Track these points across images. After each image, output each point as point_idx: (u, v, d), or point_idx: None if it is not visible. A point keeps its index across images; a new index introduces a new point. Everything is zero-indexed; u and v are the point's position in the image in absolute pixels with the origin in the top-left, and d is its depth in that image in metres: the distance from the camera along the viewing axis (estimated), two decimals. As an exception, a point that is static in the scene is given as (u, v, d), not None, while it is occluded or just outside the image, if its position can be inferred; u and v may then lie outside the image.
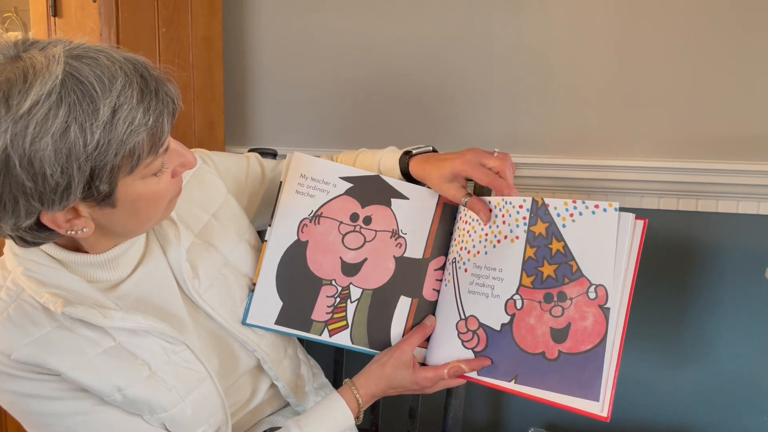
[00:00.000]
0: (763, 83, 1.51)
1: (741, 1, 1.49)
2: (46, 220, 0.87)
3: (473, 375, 1.11)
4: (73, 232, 0.91)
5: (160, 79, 0.88)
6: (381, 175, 1.20)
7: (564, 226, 1.06)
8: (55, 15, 1.58)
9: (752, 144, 1.52)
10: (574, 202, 1.06)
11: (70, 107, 0.80)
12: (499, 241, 1.11)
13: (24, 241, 0.92)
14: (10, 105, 0.79)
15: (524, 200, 1.09)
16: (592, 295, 1.04)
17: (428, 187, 1.19)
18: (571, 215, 1.06)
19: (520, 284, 1.08)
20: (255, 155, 1.36)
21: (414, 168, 1.20)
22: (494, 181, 1.11)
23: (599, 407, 1.02)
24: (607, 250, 1.03)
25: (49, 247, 0.98)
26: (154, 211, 0.97)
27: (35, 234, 0.91)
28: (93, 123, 0.81)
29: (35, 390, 0.95)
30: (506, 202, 1.11)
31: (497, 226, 1.11)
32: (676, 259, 1.62)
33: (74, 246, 1.00)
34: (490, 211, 1.13)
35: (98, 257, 1.00)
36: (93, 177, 0.83)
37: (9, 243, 0.99)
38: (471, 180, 1.17)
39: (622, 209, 1.04)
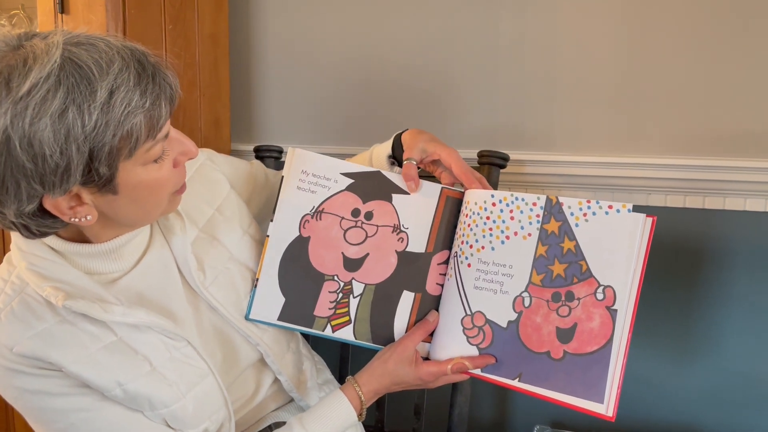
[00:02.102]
0: (770, 80, 1.50)
1: (750, -4, 1.49)
2: (48, 205, 0.88)
3: (476, 371, 1.10)
4: (76, 220, 0.92)
5: (157, 65, 0.90)
6: (381, 171, 1.21)
7: (577, 225, 1.06)
8: (62, 12, 1.59)
9: (760, 141, 1.51)
10: (588, 202, 1.06)
11: (68, 89, 0.82)
12: (508, 237, 1.10)
13: (29, 231, 0.93)
14: (10, 87, 0.81)
15: (538, 198, 1.09)
16: (600, 296, 1.03)
17: (413, 161, 1.20)
18: (585, 215, 1.06)
19: (530, 282, 1.08)
20: (259, 162, 1.39)
21: (406, 134, 1.24)
22: (466, 174, 1.16)
23: (604, 408, 1.02)
24: (618, 252, 1.03)
25: (52, 240, 0.99)
26: (157, 200, 0.98)
27: (39, 221, 0.92)
28: (90, 104, 0.82)
29: (38, 386, 0.95)
30: (515, 198, 1.11)
31: (504, 222, 1.11)
32: (683, 256, 1.61)
33: (79, 238, 1.01)
34: (416, 185, 1.18)
35: (101, 246, 1.01)
36: (92, 158, 0.85)
37: (15, 238, 1.01)
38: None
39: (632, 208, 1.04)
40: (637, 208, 1.03)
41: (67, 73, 0.82)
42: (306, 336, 1.42)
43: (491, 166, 1.48)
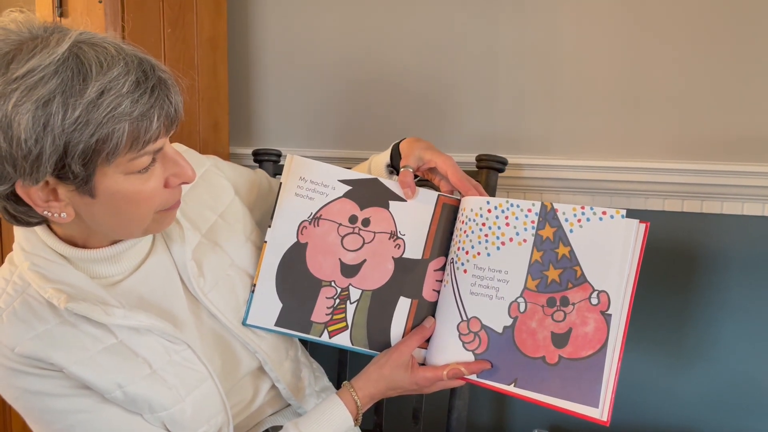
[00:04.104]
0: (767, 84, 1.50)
1: (747, 2, 1.48)
2: (21, 191, 0.88)
3: (472, 377, 1.11)
4: (49, 214, 0.91)
5: (163, 81, 0.89)
6: (379, 178, 1.21)
7: (571, 231, 1.07)
8: (60, 15, 1.59)
9: (757, 145, 1.52)
10: (583, 208, 1.07)
11: (62, 81, 0.82)
12: (503, 243, 1.11)
13: (8, 213, 0.94)
14: (9, 69, 0.82)
15: (533, 204, 1.10)
16: (594, 300, 1.04)
17: (410, 169, 1.20)
18: (579, 221, 1.07)
19: (525, 287, 1.09)
20: (262, 171, 1.40)
21: (404, 142, 1.24)
22: (462, 182, 1.17)
23: (599, 413, 1.02)
24: (612, 257, 1.04)
25: (55, 243, 1.00)
26: (136, 215, 0.96)
27: (14, 206, 0.92)
28: (77, 100, 0.82)
29: (39, 386, 0.95)
30: (510, 204, 1.11)
31: (499, 228, 1.11)
32: (681, 260, 1.61)
33: (80, 243, 1.01)
34: (413, 192, 1.18)
35: (102, 251, 1.01)
36: (66, 153, 0.84)
37: (18, 239, 1.01)
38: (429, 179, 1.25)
39: (628, 212, 1.04)
40: (634, 212, 1.03)
41: (68, 66, 0.82)
42: (304, 342, 1.42)
43: (489, 170, 1.48)
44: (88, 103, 0.82)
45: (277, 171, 1.65)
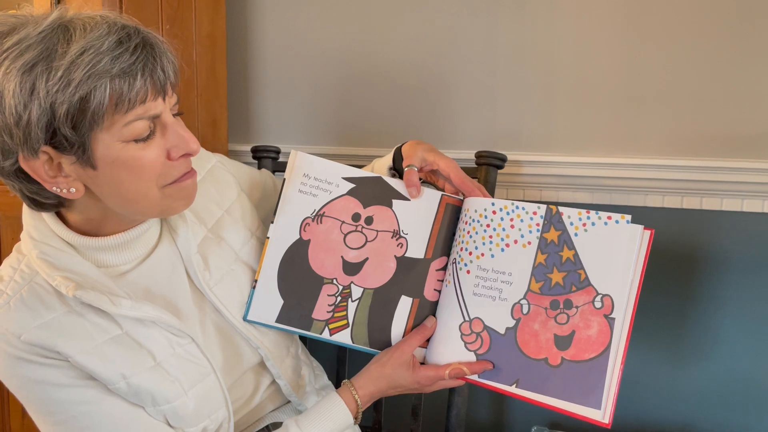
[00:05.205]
0: (767, 81, 1.50)
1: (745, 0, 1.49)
2: (24, 166, 0.90)
3: (474, 377, 1.11)
4: (58, 190, 0.92)
5: (149, 42, 0.90)
6: (383, 177, 1.21)
7: (576, 234, 1.08)
8: (58, 12, 1.59)
9: (757, 142, 1.52)
10: (588, 212, 1.08)
11: (46, 47, 0.85)
12: (507, 245, 1.11)
13: (26, 198, 0.97)
14: (2, 42, 0.85)
15: (538, 207, 1.11)
16: (598, 304, 1.05)
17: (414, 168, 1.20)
18: (584, 225, 1.08)
19: (528, 289, 1.09)
20: (267, 171, 1.41)
21: (406, 145, 1.24)
22: (465, 183, 1.17)
23: (600, 414, 1.03)
24: (616, 261, 1.05)
25: (63, 231, 1.00)
26: (139, 187, 0.95)
27: (28, 186, 0.94)
28: (60, 62, 0.84)
29: (43, 376, 0.96)
30: (516, 207, 1.12)
31: (504, 230, 1.12)
32: (680, 257, 1.61)
33: (91, 232, 1.02)
34: (418, 191, 1.18)
35: (110, 239, 1.02)
36: (54, 116, 0.85)
37: (26, 227, 1.02)
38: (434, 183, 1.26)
39: (625, 209, 1.04)
40: (634, 209, 1.04)
41: (54, 34, 0.85)
42: (303, 340, 1.42)
43: (489, 166, 1.48)
44: (70, 63, 0.84)
45: (275, 168, 1.65)
